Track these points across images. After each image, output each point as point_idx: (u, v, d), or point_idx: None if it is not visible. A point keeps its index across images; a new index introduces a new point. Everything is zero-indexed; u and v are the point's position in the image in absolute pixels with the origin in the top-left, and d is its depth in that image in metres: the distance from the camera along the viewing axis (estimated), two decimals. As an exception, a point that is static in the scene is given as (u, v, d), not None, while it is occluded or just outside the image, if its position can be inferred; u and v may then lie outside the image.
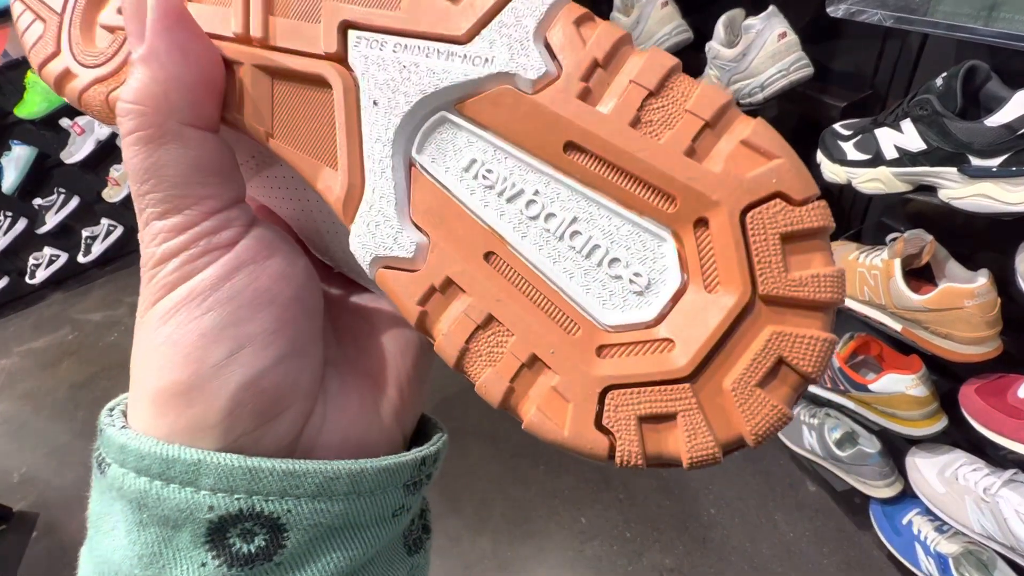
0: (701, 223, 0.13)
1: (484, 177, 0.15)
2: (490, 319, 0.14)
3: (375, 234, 0.15)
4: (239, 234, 0.15)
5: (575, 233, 0.14)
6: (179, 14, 0.15)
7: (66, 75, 0.18)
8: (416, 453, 0.17)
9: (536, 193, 0.14)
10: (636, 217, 0.14)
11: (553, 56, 0.14)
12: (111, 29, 0.17)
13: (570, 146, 0.14)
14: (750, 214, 0.12)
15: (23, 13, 0.19)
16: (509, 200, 0.14)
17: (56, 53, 0.18)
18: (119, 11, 0.17)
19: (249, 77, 0.16)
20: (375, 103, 0.15)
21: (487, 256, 0.14)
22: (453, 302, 0.14)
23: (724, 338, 0.12)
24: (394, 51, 0.15)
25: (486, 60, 0.14)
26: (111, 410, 0.16)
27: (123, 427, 0.14)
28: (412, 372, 0.19)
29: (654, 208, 0.13)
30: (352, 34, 0.15)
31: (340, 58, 0.15)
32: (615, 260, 0.14)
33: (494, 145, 0.15)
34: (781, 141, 0.13)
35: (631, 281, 0.14)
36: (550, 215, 0.14)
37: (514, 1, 0.14)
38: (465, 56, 0.14)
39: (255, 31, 0.16)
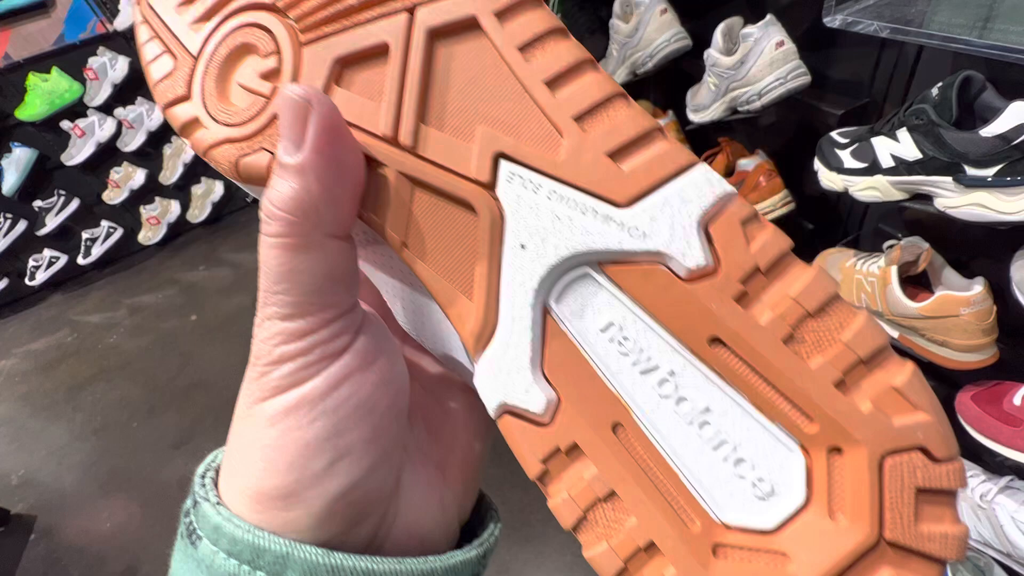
0: (836, 451, 0.13)
1: (620, 343, 0.14)
2: (612, 494, 0.14)
3: (505, 381, 0.15)
4: (350, 341, 0.15)
5: (705, 423, 0.14)
6: (340, 129, 0.15)
7: (195, 124, 0.17)
8: (480, 548, 0.17)
9: (671, 373, 0.14)
10: (769, 423, 0.14)
11: (713, 248, 0.14)
12: (250, 90, 0.17)
13: (716, 341, 0.14)
14: (889, 460, 0.13)
15: (151, 41, 0.18)
16: (643, 372, 0.14)
17: (186, 98, 0.17)
18: (263, 76, 0.17)
19: (391, 182, 0.16)
20: (523, 246, 0.15)
21: (615, 427, 0.14)
22: (577, 466, 0.14)
23: (843, 571, 0.13)
24: (548, 198, 0.15)
25: (644, 234, 0.14)
26: (203, 477, 0.16)
27: (217, 503, 0.15)
28: (478, 462, 0.20)
29: (791, 422, 0.13)
30: (505, 166, 0.15)
31: (490, 187, 0.15)
32: (741, 460, 0.14)
33: (635, 314, 0.14)
34: (931, 395, 0.13)
35: (754, 484, 0.14)
36: (682, 399, 0.14)
37: (683, 181, 0.14)
38: (622, 224, 0.14)
39: (404, 138, 0.15)
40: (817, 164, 0.69)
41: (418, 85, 0.15)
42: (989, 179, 0.50)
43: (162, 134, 2.36)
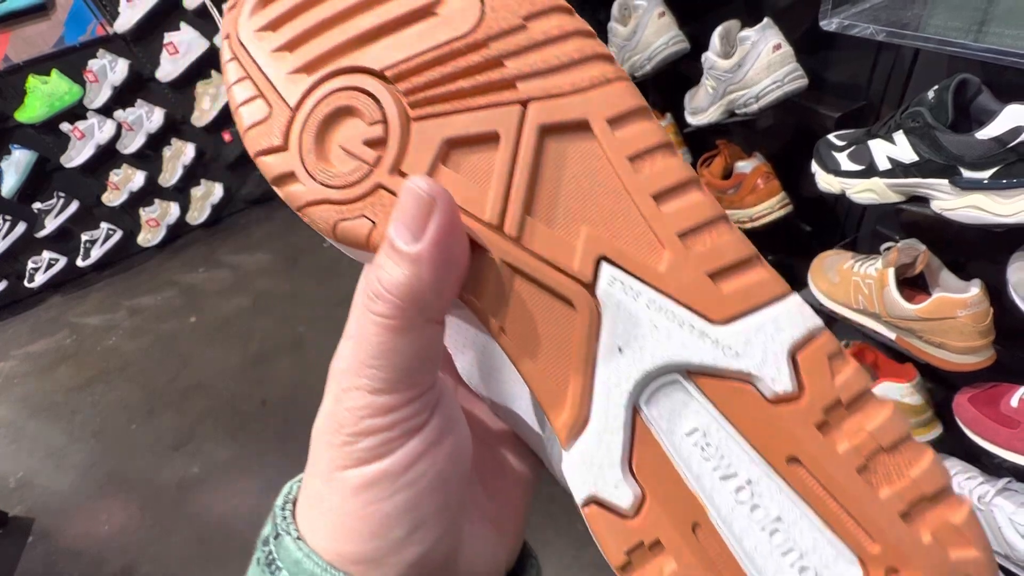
0: (894, 571, 0.14)
1: (703, 448, 0.15)
2: None
3: (596, 474, 0.15)
4: (428, 417, 0.16)
5: (776, 531, 0.15)
6: (457, 224, 0.15)
7: (290, 177, 0.17)
8: None
9: (748, 482, 0.15)
10: (835, 538, 0.14)
11: (799, 375, 0.15)
12: (353, 155, 0.17)
13: (794, 460, 0.15)
14: None
15: (242, 82, 0.18)
16: (722, 478, 0.15)
17: (282, 148, 0.17)
18: (367, 143, 0.17)
19: (493, 268, 0.16)
20: (620, 350, 0.15)
21: (694, 527, 0.15)
22: (658, 561, 0.15)
23: None
24: (647, 307, 0.15)
25: (737, 354, 0.15)
26: (283, 509, 0.17)
27: (298, 537, 0.16)
28: (526, 511, 0.20)
29: (856, 541, 0.14)
30: (607, 269, 0.16)
31: (591, 287, 0.16)
32: (805, 568, 0.14)
33: (720, 424, 0.15)
34: (983, 536, 0.14)
35: None
36: (757, 506, 0.15)
37: (778, 309, 0.15)
38: (717, 342, 0.15)
39: (510, 228, 0.16)
40: (814, 166, 0.69)
41: (527, 177, 0.16)
42: (985, 181, 0.50)
43: (161, 136, 2.36)
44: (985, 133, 0.49)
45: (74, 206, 2.36)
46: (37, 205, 2.30)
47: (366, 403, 0.15)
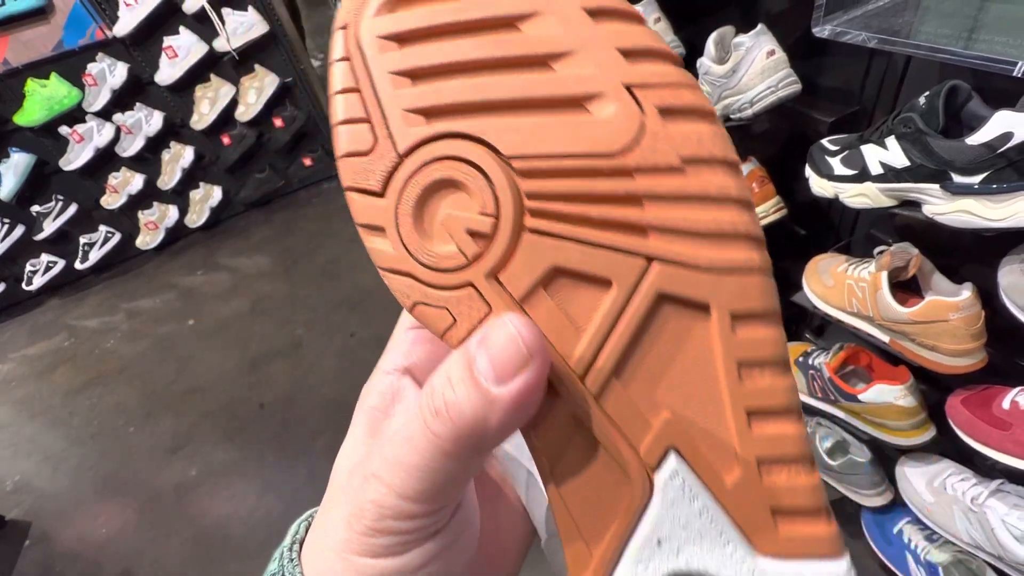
0: None
1: None
2: None
3: None
4: (446, 523, 0.16)
5: None
6: (543, 382, 0.14)
7: (379, 232, 0.16)
8: None
9: None
10: None
11: None
12: (453, 238, 0.15)
13: None
14: None
15: (350, 95, 0.16)
16: None
17: (378, 195, 0.15)
18: (471, 232, 0.15)
19: (561, 416, 0.15)
20: (658, 542, 0.15)
21: None
22: None
23: None
24: (699, 514, 0.15)
25: None
26: (290, 550, 0.18)
27: None
28: (519, 567, 0.21)
29: None
30: (673, 461, 0.15)
31: (651, 470, 0.15)
32: None
33: None
34: None
35: None
36: None
37: (827, 568, 0.14)
38: (753, 571, 0.14)
39: (592, 383, 0.15)
40: (808, 171, 0.70)
41: (627, 339, 0.15)
42: (975, 186, 0.51)
43: (161, 139, 2.37)
44: (975, 139, 0.50)
45: (72, 209, 2.37)
46: (35, 208, 2.31)
47: (391, 504, 0.15)
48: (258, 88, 2.37)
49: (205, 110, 2.35)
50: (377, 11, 0.15)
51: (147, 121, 2.30)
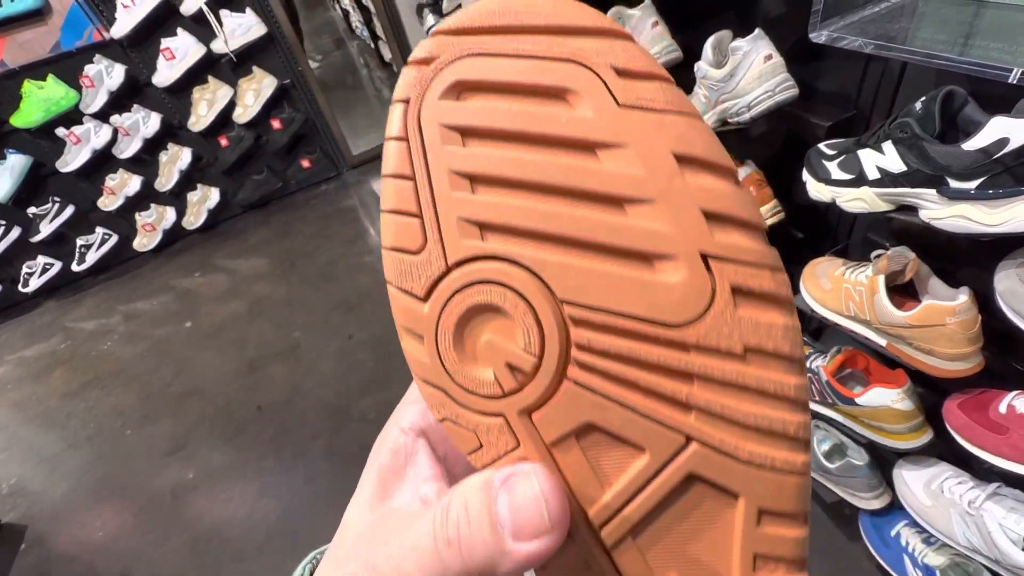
0: None
1: None
2: None
3: None
4: None
5: None
6: (559, 545, 0.14)
7: (416, 339, 0.15)
8: None
9: None
10: None
11: None
12: (491, 364, 0.15)
13: None
14: None
15: (405, 182, 0.15)
16: None
17: (420, 301, 0.15)
18: (510, 365, 0.14)
19: (571, 557, 0.15)
20: None
21: None
22: None
23: None
24: None
25: None
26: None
27: None
28: None
29: None
30: None
31: None
32: None
33: None
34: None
35: None
36: None
37: None
38: None
39: (608, 536, 0.15)
40: (806, 175, 0.70)
41: (651, 505, 0.14)
42: (972, 192, 0.51)
43: (158, 141, 2.37)
44: (971, 144, 0.50)
45: (69, 211, 2.36)
46: (32, 210, 2.30)
47: None
48: (256, 90, 2.37)
49: (203, 112, 2.34)
50: (444, 93, 0.14)
51: (144, 123, 2.30)
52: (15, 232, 2.32)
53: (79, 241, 2.44)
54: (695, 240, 0.13)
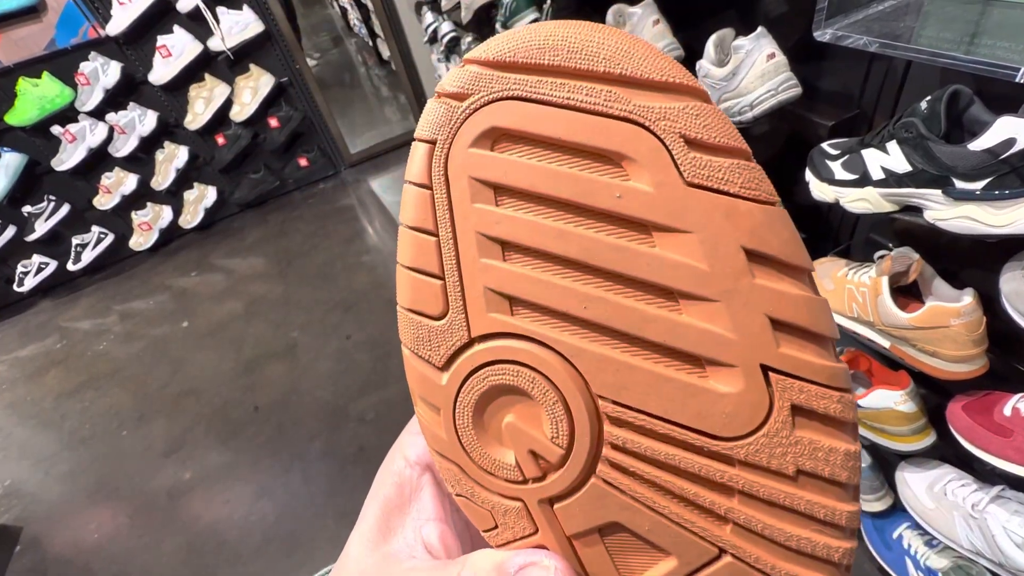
0: None
1: None
2: None
3: None
4: None
5: None
6: None
7: (431, 409, 0.14)
8: None
9: None
10: None
11: None
12: (512, 448, 0.14)
13: None
14: None
15: (427, 238, 0.13)
16: None
17: (437, 370, 0.14)
18: (534, 453, 0.13)
19: None
20: None
21: None
22: None
23: None
24: None
25: None
26: None
27: None
28: None
29: None
30: None
31: None
32: None
33: None
34: None
35: None
36: None
37: None
38: None
39: None
40: (808, 175, 0.69)
41: None
42: (977, 192, 0.51)
43: (154, 139, 2.35)
44: (977, 144, 0.49)
45: (65, 210, 2.34)
46: (27, 208, 2.28)
47: None
48: (253, 88, 2.36)
49: (199, 110, 2.33)
50: (477, 140, 0.12)
51: (140, 121, 2.28)
52: (10, 231, 2.31)
53: (75, 240, 2.43)
54: (757, 350, 0.12)
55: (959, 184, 0.52)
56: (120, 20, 2.06)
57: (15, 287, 2.39)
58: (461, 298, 0.13)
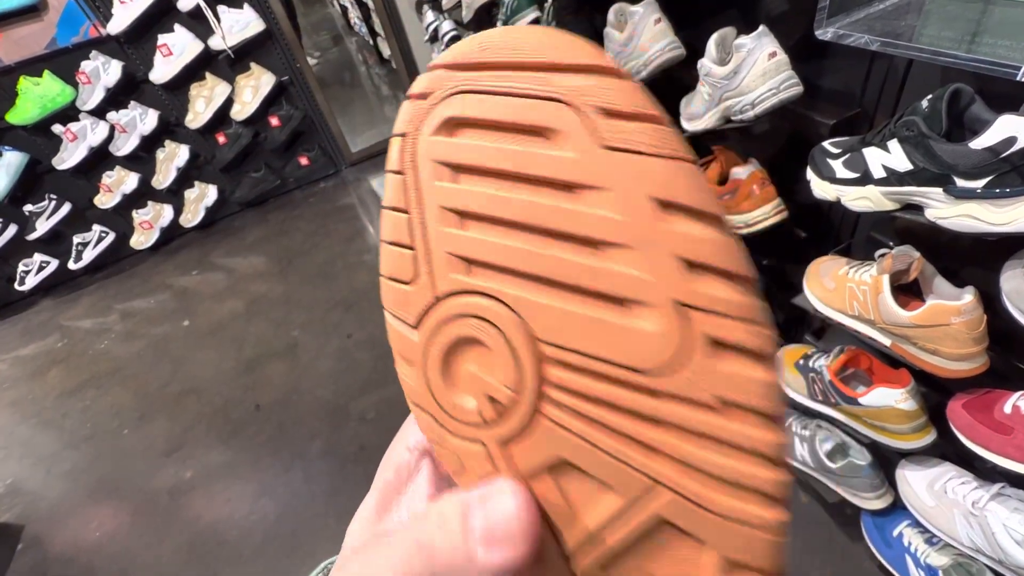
0: None
1: None
2: None
3: None
4: None
5: None
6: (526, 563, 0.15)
7: (408, 363, 0.16)
8: None
9: None
10: None
11: None
12: (474, 394, 0.15)
13: None
14: None
15: (400, 216, 0.15)
16: None
17: (411, 328, 0.16)
18: (491, 398, 0.15)
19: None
20: None
21: None
22: None
23: None
24: None
25: None
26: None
27: None
28: None
29: None
30: None
31: None
32: None
33: None
34: None
35: None
36: None
37: None
38: None
39: (576, 567, 0.15)
40: (810, 173, 0.69)
41: (618, 541, 0.14)
42: (978, 191, 0.51)
43: (155, 138, 2.35)
44: (978, 143, 0.50)
45: (66, 208, 2.34)
46: (28, 207, 2.28)
47: None
48: (254, 87, 2.36)
49: (200, 109, 2.33)
50: (437, 129, 0.15)
51: (141, 119, 2.28)
52: (11, 230, 2.31)
53: (76, 239, 2.43)
54: (672, 289, 0.13)
55: (960, 182, 0.52)
56: (121, 19, 2.06)
57: (16, 286, 2.39)
58: (428, 263, 0.15)
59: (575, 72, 0.14)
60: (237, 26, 2.20)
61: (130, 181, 2.39)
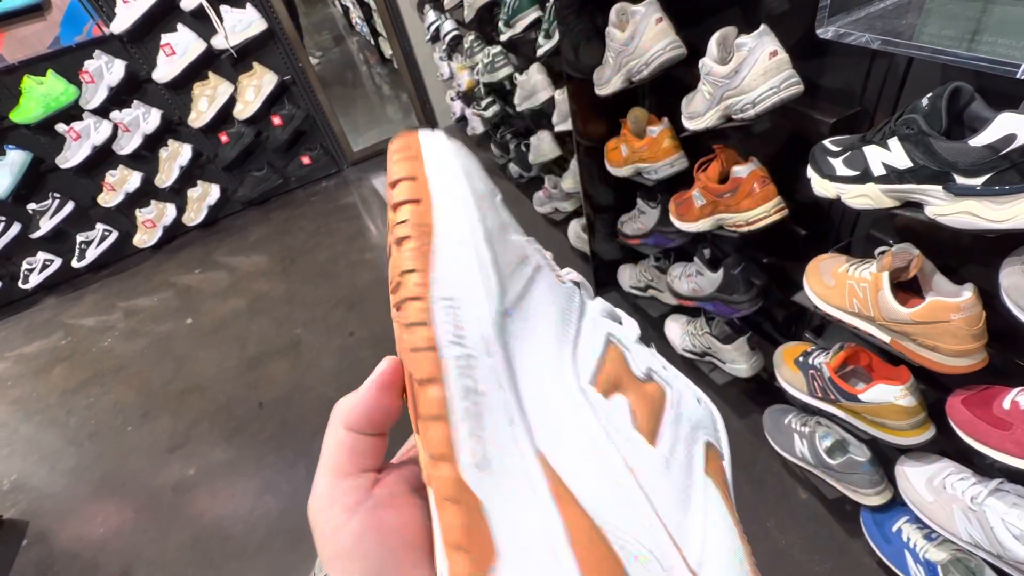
0: None
1: None
2: None
3: None
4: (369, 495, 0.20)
5: None
6: (391, 388, 0.22)
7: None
8: None
9: None
10: None
11: None
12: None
13: None
14: None
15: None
16: None
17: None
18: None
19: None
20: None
21: None
22: None
23: None
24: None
25: None
26: None
27: None
28: None
29: None
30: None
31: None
32: None
33: None
34: None
35: None
36: None
37: None
38: None
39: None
40: (810, 172, 0.70)
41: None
42: (978, 188, 0.51)
43: (158, 137, 2.36)
44: (978, 140, 0.50)
45: (69, 207, 2.35)
46: (32, 206, 2.29)
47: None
48: (256, 86, 2.37)
49: (203, 108, 2.34)
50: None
51: (145, 119, 2.29)
52: (15, 228, 2.32)
53: (79, 237, 2.44)
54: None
55: (960, 180, 0.53)
56: (124, 18, 2.07)
57: (20, 284, 2.41)
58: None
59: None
60: (240, 25, 2.21)
61: (133, 180, 2.40)
